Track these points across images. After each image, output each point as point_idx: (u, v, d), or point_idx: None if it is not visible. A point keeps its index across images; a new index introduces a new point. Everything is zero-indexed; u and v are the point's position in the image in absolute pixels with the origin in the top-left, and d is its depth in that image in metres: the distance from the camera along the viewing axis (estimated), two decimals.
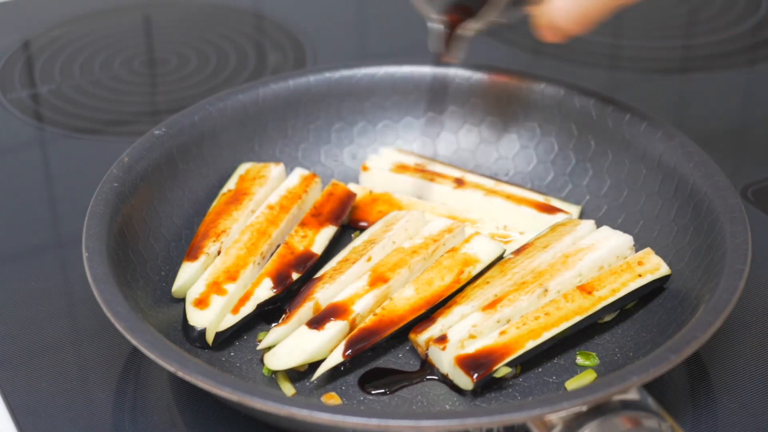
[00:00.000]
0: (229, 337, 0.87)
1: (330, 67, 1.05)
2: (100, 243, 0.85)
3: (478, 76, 1.03)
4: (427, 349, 0.85)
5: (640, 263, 0.89)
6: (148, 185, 0.93)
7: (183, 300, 0.89)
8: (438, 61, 1.01)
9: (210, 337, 0.86)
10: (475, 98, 1.04)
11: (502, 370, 0.82)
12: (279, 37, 1.32)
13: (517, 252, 0.91)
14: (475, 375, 0.81)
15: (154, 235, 0.92)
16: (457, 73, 1.04)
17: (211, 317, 0.86)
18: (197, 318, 0.86)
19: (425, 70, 1.04)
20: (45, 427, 0.83)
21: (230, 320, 0.87)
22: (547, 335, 0.84)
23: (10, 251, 1.00)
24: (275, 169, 0.98)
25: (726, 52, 1.29)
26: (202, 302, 0.87)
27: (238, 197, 0.95)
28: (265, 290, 0.88)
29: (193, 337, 0.85)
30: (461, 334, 0.84)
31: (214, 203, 0.96)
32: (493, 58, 1.26)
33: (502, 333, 0.84)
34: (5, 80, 1.24)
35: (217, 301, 0.87)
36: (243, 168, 0.99)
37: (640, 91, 1.22)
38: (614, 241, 0.90)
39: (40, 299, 0.94)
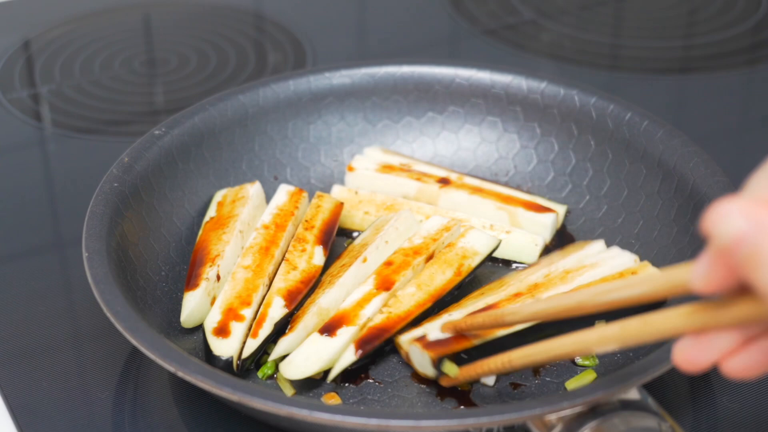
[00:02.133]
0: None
1: (330, 67, 1.05)
2: (100, 243, 0.85)
3: (478, 76, 1.03)
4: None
5: (633, 273, 0.88)
6: (148, 185, 0.93)
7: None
8: None
9: (235, 364, 0.85)
10: (475, 98, 1.04)
11: (449, 367, 0.81)
12: (279, 37, 1.32)
13: (521, 271, 0.91)
14: (434, 352, 0.81)
15: (154, 235, 0.92)
16: (457, 73, 1.04)
17: (236, 345, 0.85)
18: (222, 347, 0.84)
19: (425, 70, 1.04)
20: (45, 427, 0.83)
21: (252, 345, 0.85)
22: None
23: (10, 251, 1.00)
24: (252, 188, 0.96)
25: (726, 52, 1.29)
26: (222, 331, 0.85)
27: (222, 221, 0.94)
28: (278, 309, 0.87)
29: (220, 367, 0.84)
30: (438, 333, 0.84)
31: (200, 232, 0.94)
32: (493, 58, 1.26)
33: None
34: (5, 80, 1.24)
35: (237, 328, 0.86)
36: (219, 195, 0.97)
37: (640, 91, 1.22)
38: (619, 260, 0.90)
39: (40, 299, 0.94)
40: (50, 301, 0.94)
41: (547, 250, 0.96)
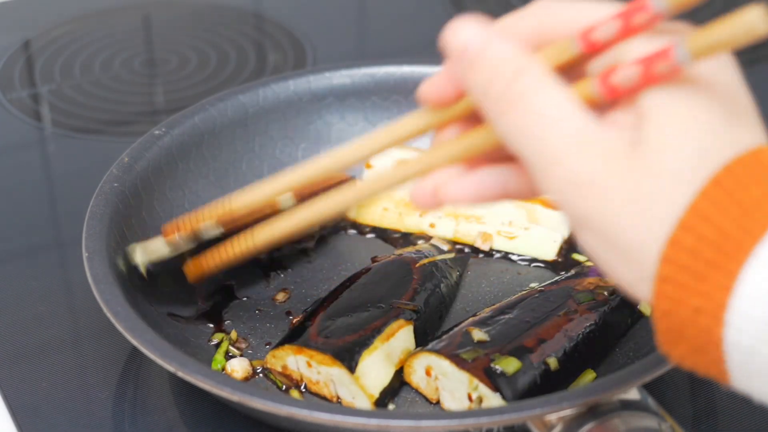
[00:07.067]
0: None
1: (330, 67, 1.05)
2: (100, 243, 0.85)
3: None
4: None
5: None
6: (148, 185, 0.93)
7: (180, 296, 0.89)
8: None
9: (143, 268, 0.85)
10: None
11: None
12: (279, 37, 1.32)
13: None
14: None
15: (154, 235, 0.92)
16: None
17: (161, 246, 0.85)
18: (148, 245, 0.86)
19: (425, 70, 1.04)
20: (45, 427, 0.83)
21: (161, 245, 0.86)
22: None
23: (10, 251, 1.00)
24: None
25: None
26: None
27: None
28: (211, 228, 0.86)
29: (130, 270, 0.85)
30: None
31: None
32: None
33: None
34: (5, 80, 1.24)
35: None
36: None
37: None
38: None
39: (40, 299, 0.94)
40: (50, 301, 0.94)
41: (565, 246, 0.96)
